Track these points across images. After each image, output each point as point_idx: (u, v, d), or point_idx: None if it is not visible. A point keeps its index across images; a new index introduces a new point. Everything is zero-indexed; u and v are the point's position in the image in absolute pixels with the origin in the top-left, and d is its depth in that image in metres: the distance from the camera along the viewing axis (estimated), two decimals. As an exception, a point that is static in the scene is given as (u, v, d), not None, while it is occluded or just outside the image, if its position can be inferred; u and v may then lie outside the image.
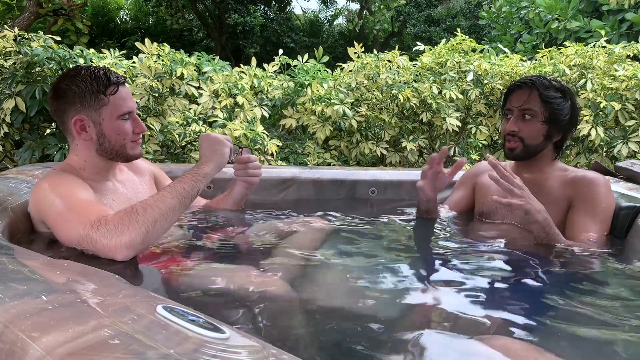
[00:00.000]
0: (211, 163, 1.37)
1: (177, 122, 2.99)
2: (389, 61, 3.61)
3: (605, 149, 3.39)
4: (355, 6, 15.56)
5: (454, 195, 1.85)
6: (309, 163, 3.21)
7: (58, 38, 3.15)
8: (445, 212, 1.77)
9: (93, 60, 3.11)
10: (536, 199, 1.56)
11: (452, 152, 3.53)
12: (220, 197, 1.74)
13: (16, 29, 3.13)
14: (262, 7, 13.72)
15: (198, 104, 3.12)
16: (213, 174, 1.37)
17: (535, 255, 1.39)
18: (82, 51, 3.17)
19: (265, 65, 3.53)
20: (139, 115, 1.46)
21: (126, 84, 1.42)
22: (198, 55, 3.43)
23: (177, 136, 2.91)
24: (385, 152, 3.40)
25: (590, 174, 1.58)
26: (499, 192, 1.65)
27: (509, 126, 1.57)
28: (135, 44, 3.26)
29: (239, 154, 1.64)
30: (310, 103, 3.33)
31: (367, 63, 3.54)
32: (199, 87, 3.16)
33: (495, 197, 1.36)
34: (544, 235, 1.39)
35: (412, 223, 1.74)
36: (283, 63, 3.60)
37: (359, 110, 3.41)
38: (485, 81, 3.56)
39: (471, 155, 3.35)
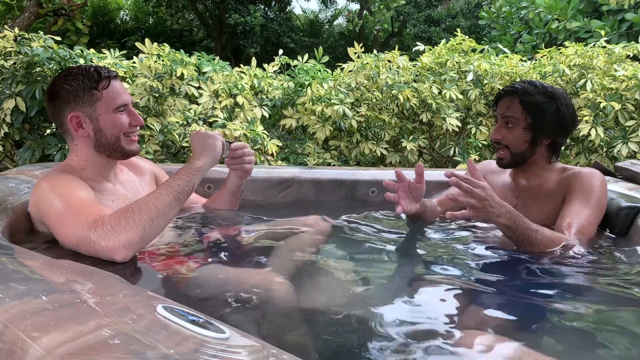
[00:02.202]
0: (204, 157, 1.37)
1: (177, 122, 2.99)
2: (389, 61, 3.60)
3: (605, 149, 3.39)
4: (355, 6, 15.56)
5: (450, 191, 1.84)
6: (309, 163, 3.21)
7: (58, 38, 3.16)
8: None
9: (93, 60, 3.11)
10: (537, 202, 1.56)
11: (452, 152, 3.53)
12: (217, 193, 1.74)
13: (16, 29, 3.13)
14: (262, 7, 13.71)
15: (198, 104, 3.12)
16: (207, 168, 1.38)
17: (534, 254, 1.39)
18: (82, 51, 3.17)
19: (265, 66, 3.53)
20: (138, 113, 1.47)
21: (124, 83, 1.43)
22: (198, 56, 3.43)
23: (177, 136, 2.91)
24: (385, 152, 3.39)
25: (586, 169, 1.58)
26: (502, 196, 1.65)
27: (493, 134, 1.62)
28: (136, 44, 3.26)
29: (230, 149, 1.63)
30: (310, 103, 3.33)
31: (367, 63, 3.54)
32: (199, 87, 3.16)
33: (449, 213, 1.33)
34: (511, 233, 1.35)
35: (413, 223, 1.74)
36: (283, 63, 3.60)
37: (359, 110, 3.41)
38: (485, 81, 3.55)
39: (471, 155, 3.35)
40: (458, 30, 4.09)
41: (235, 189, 1.70)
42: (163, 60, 3.11)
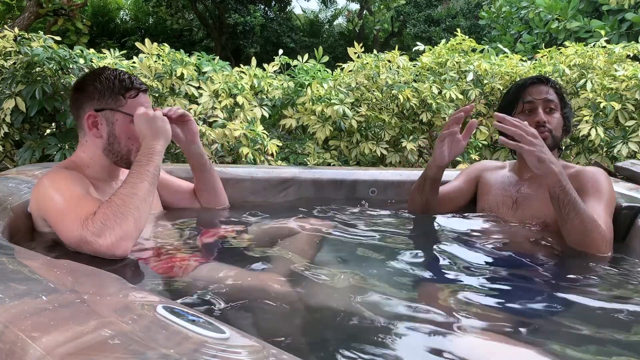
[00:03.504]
0: (161, 140, 1.34)
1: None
2: (389, 61, 3.60)
3: (605, 149, 3.39)
4: (355, 6, 15.56)
5: (450, 184, 1.84)
6: (309, 163, 3.20)
7: (58, 38, 3.15)
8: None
9: (93, 61, 3.11)
10: (538, 195, 1.56)
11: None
12: (195, 182, 1.72)
13: (16, 29, 3.13)
14: (262, 7, 13.71)
15: (198, 104, 3.12)
16: (164, 149, 1.36)
17: (533, 254, 1.39)
18: (82, 51, 3.17)
19: (265, 65, 3.53)
20: None
21: (148, 94, 1.45)
22: (198, 55, 3.43)
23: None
24: (385, 152, 3.39)
25: (590, 168, 1.58)
26: (502, 190, 1.65)
27: (541, 117, 1.55)
28: (135, 44, 3.26)
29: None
30: (310, 103, 3.33)
31: (367, 63, 3.54)
32: (199, 87, 3.16)
33: (502, 138, 1.34)
34: (560, 189, 1.34)
35: (412, 223, 1.74)
36: (283, 63, 3.60)
37: (359, 110, 3.41)
38: (485, 81, 3.55)
39: (471, 155, 3.35)
40: (458, 30, 4.09)
41: (200, 159, 1.65)
42: (163, 60, 3.11)
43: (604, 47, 3.68)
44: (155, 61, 3.09)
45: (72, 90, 1.43)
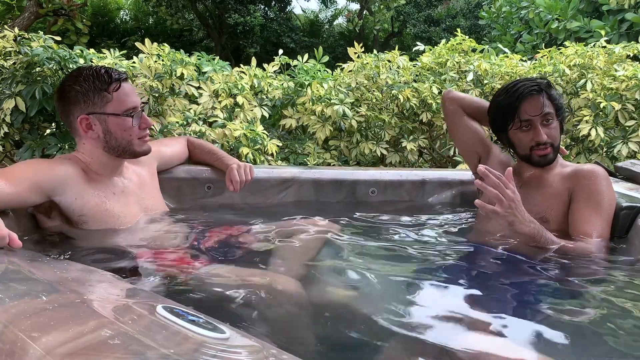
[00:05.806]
0: None
1: (177, 122, 2.98)
2: (389, 61, 3.60)
3: (605, 149, 3.38)
4: (355, 6, 15.55)
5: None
6: (309, 163, 3.20)
7: (58, 38, 3.15)
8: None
9: (93, 60, 3.10)
10: (538, 190, 1.56)
11: (452, 152, 3.53)
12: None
13: (16, 29, 3.13)
14: (262, 7, 13.71)
15: (198, 104, 3.11)
16: None
17: (537, 254, 1.39)
18: (82, 51, 3.16)
19: (265, 65, 3.52)
20: None
21: (129, 80, 1.44)
22: (198, 55, 3.43)
23: (176, 136, 2.91)
24: (385, 152, 3.39)
25: (589, 166, 1.57)
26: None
27: (541, 137, 1.53)
28: (135, 44, 3.26)
29: None
30: (310, 103, 3.32)
31: (367, 63, 3.54)
32: (199, 87, 3.16)
33: (478, 200, 1.33)
34: (533, 243, 1.38)
35: (413, 222, 1.74)
36: (283, 63, 3.60)
37: (359, 110, 3.41)
38: (485, 81, 3.55)
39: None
40: (458, 30, 4.08)
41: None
42: (163, 60, 3.10)
43: (604, 47, 3.68)
44: (155, 61, 3.09)
45: (57, 99, 1.42)
